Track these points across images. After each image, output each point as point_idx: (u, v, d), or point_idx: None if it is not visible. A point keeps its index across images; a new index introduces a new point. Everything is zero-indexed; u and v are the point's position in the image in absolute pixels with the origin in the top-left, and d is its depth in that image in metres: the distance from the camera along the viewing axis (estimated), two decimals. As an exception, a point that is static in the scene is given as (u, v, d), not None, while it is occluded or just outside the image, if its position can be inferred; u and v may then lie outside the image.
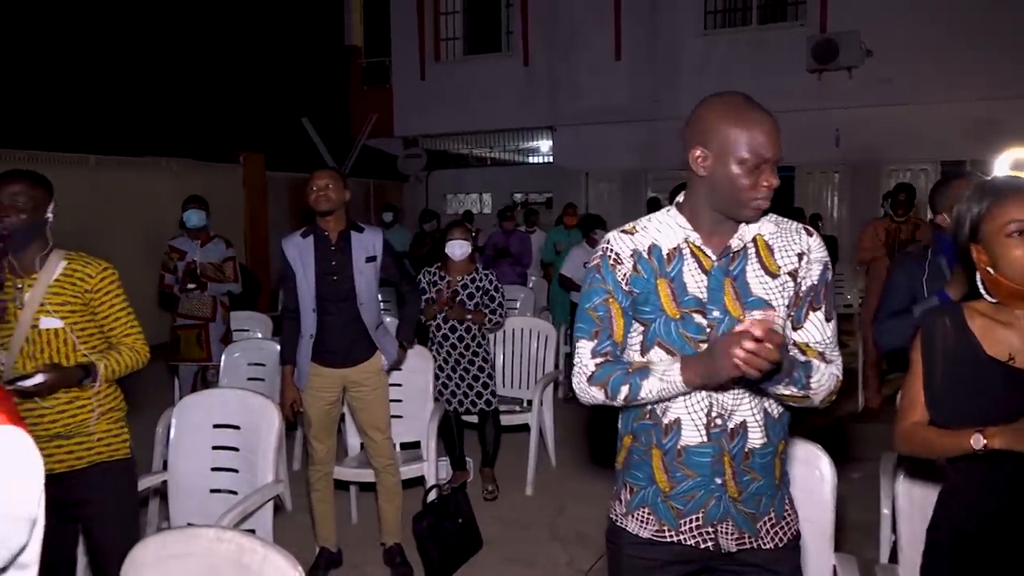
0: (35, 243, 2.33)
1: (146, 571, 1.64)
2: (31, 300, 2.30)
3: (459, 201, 15.20)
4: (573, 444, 5.42)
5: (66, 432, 2.32)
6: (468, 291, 4.46)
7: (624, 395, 1.65)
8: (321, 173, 3.38)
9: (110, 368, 2.37)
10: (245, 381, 4.37)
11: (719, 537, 1.69)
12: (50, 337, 2.31)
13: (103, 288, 2.38)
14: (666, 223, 1.73)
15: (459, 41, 14.57)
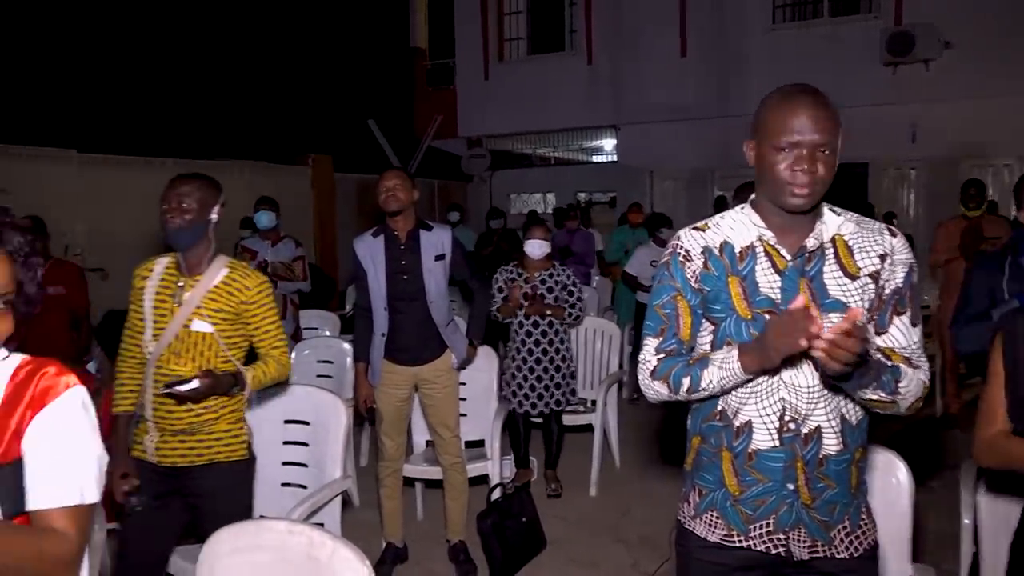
0: (201, 243, 2.41)
1: (222, 560, 1.69)
2: (189, 300, 2.38)
3: (522, 201, 15.23)
4: (638, 445, 5.37)
5: (190, 429, 2.39)
6: (547, 286, 4.48)
7: (686, 387, 1.63)
8: (389, 174, 3.42)
9: (257, 379, 2.44)
10: (314, 378, 4.46)
11: (791, 544, 1.65)
12: (197, 339, 2.38)
13: (258, 301, 2.44)
14: (740, 220, 1.68)
15: (523, 41, 14.58)
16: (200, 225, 2.39)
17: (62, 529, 1.24)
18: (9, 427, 1.25)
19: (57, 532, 1.24)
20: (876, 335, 1.62)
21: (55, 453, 1.26)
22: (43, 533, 1.24)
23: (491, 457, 3.95)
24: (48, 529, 1.24)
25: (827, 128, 1.52)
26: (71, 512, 1.25)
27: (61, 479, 1.26)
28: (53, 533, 1.23)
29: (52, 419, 1.27)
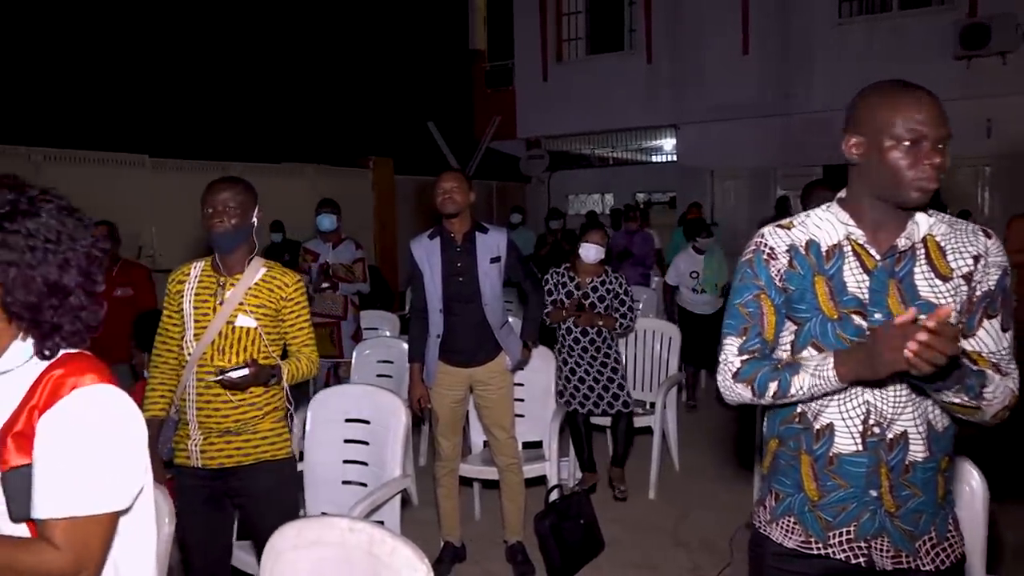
0: (243, 246, 2.50)
1: (285, 556, 1.73)
2: (231, 298, 2.46)
3: (581, 201, 15.17)
4: (697, 448, 5.29)
5: (236, 428, 2.46)
6: (598, 294, 4.42)
7: (772, 392, 1.58)
8: (447, 176, 3.44)
9: (291, 372, 2.51)
10: (374, 378, 4.53)
11: (873, 554, 1.59)
12: (241, 335, 2.45)
13: (295, 298, 2.53)
14: (826, 219, 1.64)
15: (581, 41, 14.53)
16: (244, 229, 2.47)
17: (57, 542, 1.15)
18: (20, 430, 1.19)
19: (49, 545, 1.15)
20: (963, 338, 1.56)
21: (53, 460, 1.17)
22: (28, 546, 1.15)
23: (549, 458, 3.94)
24: (40, 541, 1.16)
25: (946, 122, 1.50)
26: (64, 525, 1.16)
27: (57, 488, 1.16)
28: (41, 547, 1.15)
29: (52, 422, 1.19)
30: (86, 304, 1.27)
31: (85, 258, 1.27)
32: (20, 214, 1.21)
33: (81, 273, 1.26)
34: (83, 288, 1.26)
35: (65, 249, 1.24)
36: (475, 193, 3.50)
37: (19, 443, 1.18)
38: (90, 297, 1.28)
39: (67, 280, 1.24)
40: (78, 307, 1.26)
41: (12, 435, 1.18)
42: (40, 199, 1.25)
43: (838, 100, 10.76)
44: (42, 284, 1.21)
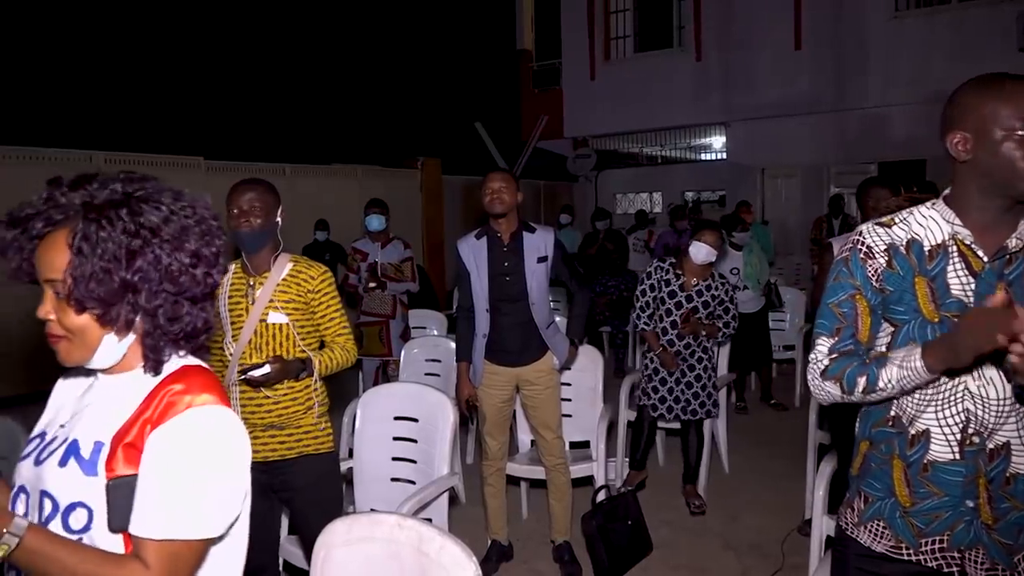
0: (268, 245, 2.55)
1: (335, 551, 1.75)
2: (261, 296, 2.52)
3: (628, 200, 15.08)
4: (747, 450, 5.22)
5: (279, 423, 2.52)
6: (703, 299, 4.28)
7: (861, 387, 1.51)
8: (495, 176, 3.45)
9: (324, 364, 2.55)
10: (423, 376, 4.56)
11: (967, 564, 1.53)
12: (275, 331, 2.51)
13: (322, 290, 2.56)
14: (931, 217, 1.56)
15: (630, 39, 14.44)
16: (268, 228, 2.51)
17: (148, 561, 1.12)
18: (131, 441, 1.17)
19: (138, 565, 1.12)
20: None
21: (157, 478, 1.14)
22: (119, 563, 1.12)
23: (596, 459, 3.92)
24: (130, 559, 1.13)
25: None
26: (158, 547, 1.12)
27: (156, 509, 1.13)
28: (132, 565, 1.12)
29: (161, 439, 1.16)
30: (187, 306, 1.24)
31: (205, 267, 1.24)
32: (131, 213, 1.19)
33: (181, 272, 1.21)
34: (180, 288, 1.22)
35: (166, 246, 1.20)
36: (522, 193, 3.51)
37: (128, 454, 1.16)
38: (193, 300, 1.24)
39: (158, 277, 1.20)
40: (174, 307, 1.22)
41: (123, 445, 1.17)
42: (149, 196, 1.23)
43: (894, 96, 10.59)
44: (128, 281, 1.17)
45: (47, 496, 1.19)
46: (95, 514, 1.16)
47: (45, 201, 1.20)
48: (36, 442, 1.28)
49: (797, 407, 6.32)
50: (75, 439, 1.21)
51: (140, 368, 1.25)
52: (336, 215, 8.77)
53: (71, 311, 1.17)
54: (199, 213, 1.26)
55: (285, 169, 9.53)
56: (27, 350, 6.24)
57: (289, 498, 2.58)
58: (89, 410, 1.25)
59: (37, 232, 1.19)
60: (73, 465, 1.18)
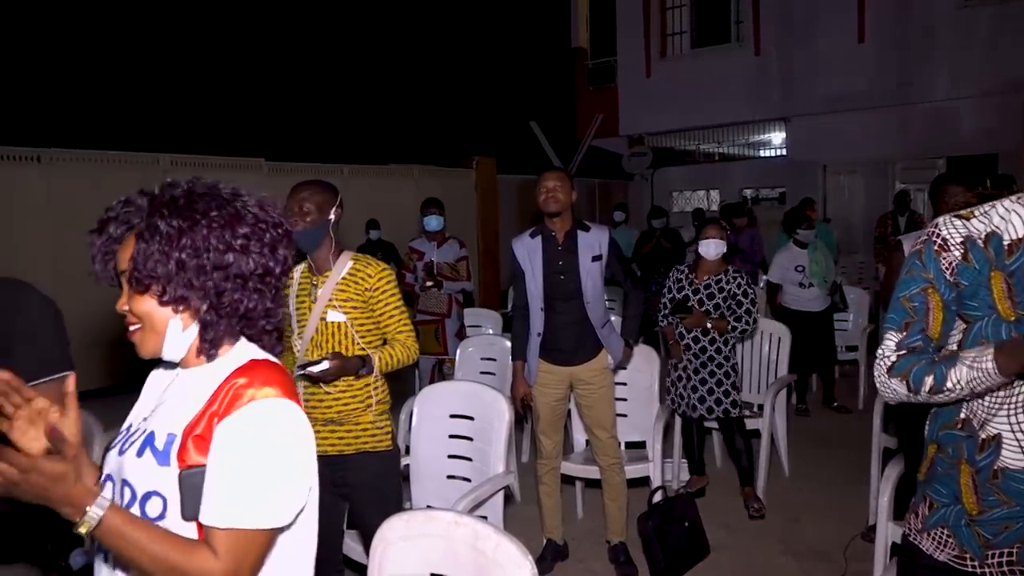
0: (324, 243, 2.60)
1: (393, 546, 1.77)
2: (322, 295, 2.58)
3: (685, 198, 14.89)
4: (808, 453, 5.10)
5: (338, 419, 2.57)
6: (709, 292, 4.25)
7: (928, 386, 1.45)
8: (549, 175, 3.45)
9: (384, 361, 2.58)
10: (478, 375, 4.58)
11: None
12: (334, 329, 2.57)
13: (381, 287, 2.60)
14: (1014, 211, 1.48)
15: (686, 35, 14.26)
16: (320, 226, 2.56)
17: (217, 549, 1.17)
18: (200, 433, 1.22)
19: (207, 551, 1.17)
20: None
21: (224, 469, 1.19)
22: (190, 548, 1.17)
23: (652, 459, 3.89)
24: (201, 545, 1.18)
25: None
26: (226, 535, 1.17)
27: (224, 499, 1.18)
28: (202, 551, 1.17)
29: (227, 431, 1.21)
30: (237, 284, 1.29)
31: (258, 250, 1.30)
32: (187, 203, 1.26)
33: (228, 250, 1.27)
34: (226, 264, 1.27)
35: (215, 227, 1.26)
36: (576, 192, 3.50)
37: (198, 445, 1.21)
38: (243, 280, 1.29)
39: (210, 269, 1.26)
40: (223, 283, 1.27)
41: (193, 437, 1.22)
42: (207, 190, 1.30)
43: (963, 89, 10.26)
44: (180, 259, 1.24)
45: (127, 484, 1.26)
46: (169, 503, 1.21)
47: (123, 206, 1.30)
48: (123, 433, 1.36)
49: (860, 409, 6.15)
50: (151, 431, 1.28)
51: (201, 355, 1.31)
52: (392, 215, 8.87)
53: (137, 295, 1.26)
54: (259, 203, 1.33)
55: (343, 169, 9.68)
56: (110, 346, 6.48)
57: (348, 493, 2.62)
58: (166, 403, 1.31)
59: (116, 236, 1.30)
60: (148, 455, 1.25)
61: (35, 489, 1.09)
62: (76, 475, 1.11)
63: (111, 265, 1.31)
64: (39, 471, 1.08)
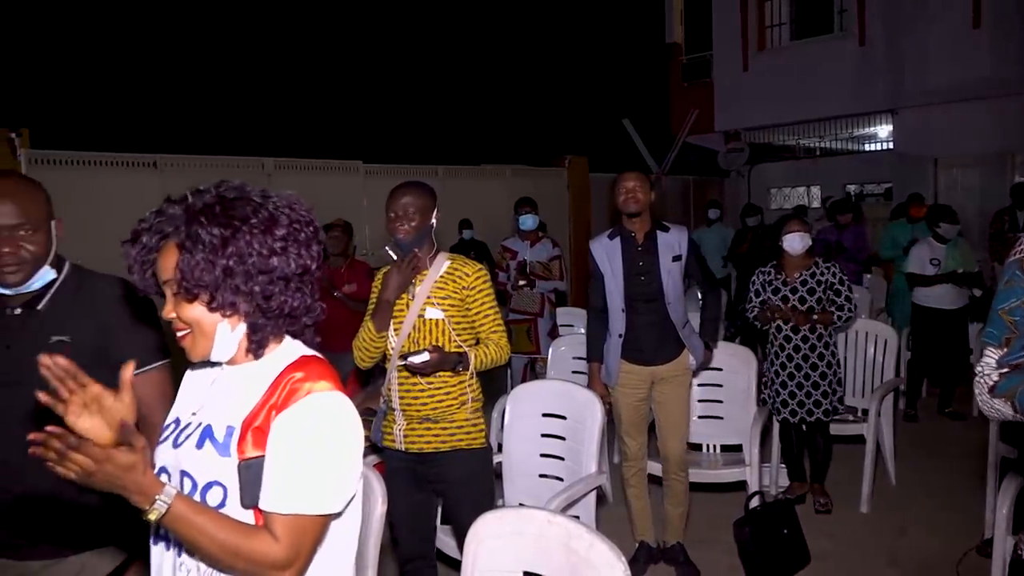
0: (424, 245, 2.66)
1: (486, 543, 1.79)
2: (420, 293, 2.64)
3: (784, 195, 14.42)
4: (917, 461, 4.86)
5: (434, 416, 2.61)
6: (808, 287, 4.15)
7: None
8: (628, 175, 3.45)
9: (479, 359, 2.62)
10: (570, 374, 4.58)
11: None
12: (432, 327, 2.62)
13: (477, 287, 2.65)
14: None
15: (785, 27, 13.81)
16: (423, 230, 2.62)
17: (277, 534, 1.24)
18: (259, 425, 1.29)
19: (268, 536, 1.24)
20: None
21: (283, 458, 1.26)
22: (252, 533, 1.24)
23: (749, 463, 3.79)
24: (262, 530, 1.25)
25: None
26: (285, 520, 1.24)
27: (284, 485, 1.25)
28: (263, 536, 1.24)
29: (286, 423, 1.27)
30: (280, 286, 1.33)
31: (296, 250, 1.34)
32: (223, 210, 1.30)
33: (271, 254, 1.31)
34: (271, 268, 1.31)
35: (256, 231, 1.30)
36: (655, 192, 3.47)
37: (257, 437, 1.28)
38: (286, 280, 1.33)
39: (256, 269, 1.30)
40: (268, 287, 1.31)
41: (252, 429, 1.29)
42: (240, 195, 1.34)
43: (1091, 74, 9.30)
44: (227, 266, 1.28)
45: (187, 475, 1.33)
46: (229, 491, 1.29)
47: (156, 216, 1.34)
48: (172, 427, 1.43)
49: (975, 416, 5.81)
50: (209, 424, 1.35)
51: (249, 354, 1.37)
52: (485, 214, 8.96)
53: (185, 303, 1.31)
54: (290, 204, 1.37)
55: (438, 170, 9.83)
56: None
57: (442, 490, 2.66)
58: (218, 398, 1.38)
59: (153, 245, 1.34)
60: (209, 447, 1.32)
61: (109, 478, 1.15)
62: (144, 465, 1.18)
63: (149, 274, 1.35)
64: (112, 461, 1.14)
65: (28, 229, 1.76)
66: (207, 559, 1.25)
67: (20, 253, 1.75)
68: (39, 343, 1.75)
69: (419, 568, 2.72)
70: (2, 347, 1.79)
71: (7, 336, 1.79)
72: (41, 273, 1.81)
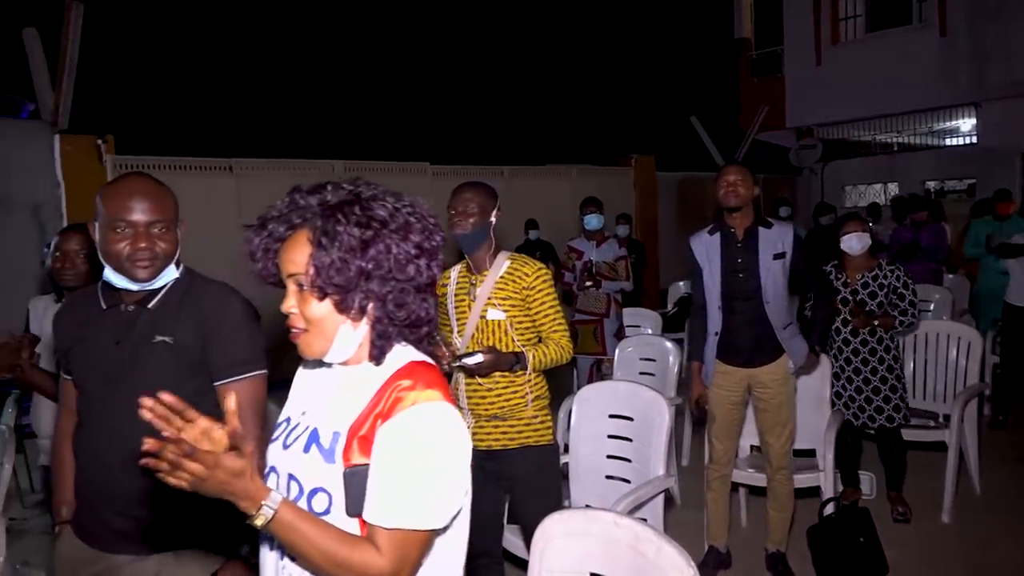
0: (484, 244, 2.68)
1: (554, 542, 1.79)
2: (481, 294, 2.66)
3: (859, 193, 13.99)
4: (1005, 471, 4.64)
5: (502, 414, 2.64)
6: (870, 290, 4.05)
7: None
8: (730, 169, 3.36)
9: (537, 359, 2.62)
10: (637, 375, 4.52)
11: None
12: (494, 327, 2.64)
13: (537, 286, 2.65)
14: None
15: (861, 18, 13.41)
16: (483, 228, 2.63)
17: (381, 547, 1.20)
18: (364, 434, 1.25)
19: (372, 548, 1.20)
20: None
21: (387, 470, 1.22)
22: (356, 544, 1.21)
23: (823, 469, 3.68)
24: (366, 542, 1.21)
25: None
26: (390, 534, 1.20)
27: (388, 499, 1.21)
28: (368, 548, 1.20)
29: (391, 433, 1.23)
30: (412, 294, 1.30)
31: (427, 260, 1.31)
32: (362, 210, 1.28)
33: (407, 261, 1.28)
34: (406, 276, 1.28)
35: (394, 236, 1.27)
36: (758, 187, 3.38)
37: (362, 445, 1.25)
38: (417, 289, 1.31)
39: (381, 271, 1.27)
40: (401, 295, 1.29)
41: (358, 437, 1.25)
42: (375, 195, 1.32)
43: None
44: (364, 268, 1.25)
45: (294, 479, 1.31)
46: (334, 498, 1.26)
47: (287, 205, 1.32)
48: (283, 427, 1.41)
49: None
50: (315, 428, 1.32)
51: (370, 361, 1.32)
52: (550, 214, 8.95)
53: (312, 300, 1.27)
54: (419, 211, 1.34)
55: (503, 171, 9.88)
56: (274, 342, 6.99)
57: (510, 487, 2.68)
58: (327, 401, 1.35)
59: (280, 235, 1.31)
60: (315, 452, 1.29)
61: (219, 484, 1.13)
62: (252, 471, 1.16)
63: (271, 264, 1.33)
64: (223, 467, 1.12)
65: (162, 227, 1.80)
66: (310, 566, 1.23)
67: (154, 248, 1.79)
68: (144, 341, 1.81)
69: (486, 565, 2.74)
70: (112, 343, 1.83)
71: (118, 332, 1.83)
72: (167, 271, 1.85)
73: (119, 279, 1.81)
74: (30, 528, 4.27)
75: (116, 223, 1.76)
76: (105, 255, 1.80)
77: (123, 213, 1.76)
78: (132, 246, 1.77)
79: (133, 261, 1.78)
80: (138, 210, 1.77)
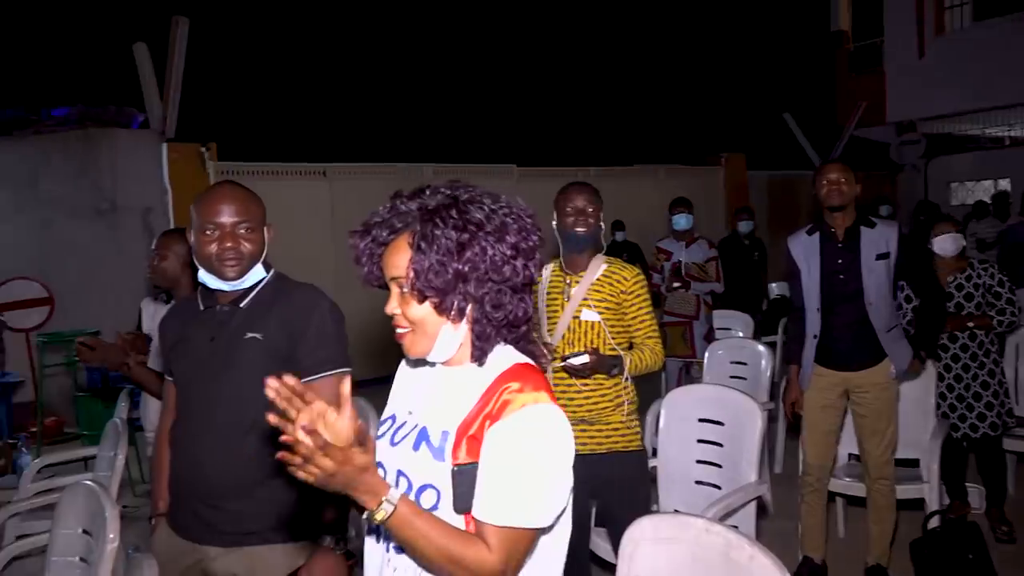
0: (592, 245, 2.70)
1: (642, 547, 1.77)
2: (576, 294, 2.67)
3: (966, 190, 13.29)
4: None
5: (590, 418, 2.63)
6: (965, 292, 3.86)
7: None
8: (831, 166, 3.27)
9: (634, 363, 2.62)
10: (727, 378, 4.42)
11: None
12: (587, 328, 2.65)
13: (634, 291, 2.65)
14: None
15: (967, 7, 12.73)
16: (599, 228, 2.67)
17: (490, 544, 1.23)
18: (473, 434, 1.28)
19: (482, 545, 1.23)
20: None
21: (497, 470, 1.25)
22: (468, 540, 1.24)
23: (927, 480, 3.51)
24: (476, 539, 1.24)
25: None
26: (498, 531, 1.23)
27: (493, 496, 1.24)
28: (478, 545, 1.23)
29: (501, 434, 1.26)
30: (509, 294, 1.32)
31: (524, 260, 1.33)
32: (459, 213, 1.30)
33: (504, 262, 1.30)
34: (503, 277, 1.31)
35: (490, 238, 1.30)
36: (861, 185, 3.27)
37: (471, 445, 1.28)
38: (514, 289, 1.33)
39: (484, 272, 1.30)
40: (498, 295, 1.32)
41: (467, 437, 1.29)
42: (473, 197, 1.34)
43: None
44: (460, 271, 1.28)
45: (403, 475, 1.35)
46: (442, 495, 1.29)
47: (389, 211, 1.36)
48: (389, 423, 1.45)
49: None
50: (424, 426, 1.36)
51: (472, 362, 1.36)
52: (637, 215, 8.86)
53: (413, 303, 1.31)
54: (516, 211, 1.36)
55: (590, 171, 9.84)
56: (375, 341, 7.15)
57: (598, 491, 2.65)
58: (434, 400, 1.39)
59: (383, 239, 1.36)
60: (424, 450, 1.33)
61: (345, 479, 1.14)
62: (374, 466, 1.19)
63: (376, 268, 1.37)
64: (351, 462, 1.14)
65: (247, 227, 1.92)
66: (423, 560, 1.25)
67: (240, 248, 1.90)
68: (237, 338, 1.92)
69: (572, 569, 2.73)
70: (207, 340, 1.95)
71: (213, 330, 1.96)
72: (254, 271, 1.96)
73: (211, 279, 1.94)
74: (141, 515, 4.51)
75: (206, 226, 1.90)
76: (199, 258, 1.93)
77: (212, 216, 1.89)
78: (219, 246, 1.89)
79: (222, 261, 1.90)
80: (225, 212, 1.90)
